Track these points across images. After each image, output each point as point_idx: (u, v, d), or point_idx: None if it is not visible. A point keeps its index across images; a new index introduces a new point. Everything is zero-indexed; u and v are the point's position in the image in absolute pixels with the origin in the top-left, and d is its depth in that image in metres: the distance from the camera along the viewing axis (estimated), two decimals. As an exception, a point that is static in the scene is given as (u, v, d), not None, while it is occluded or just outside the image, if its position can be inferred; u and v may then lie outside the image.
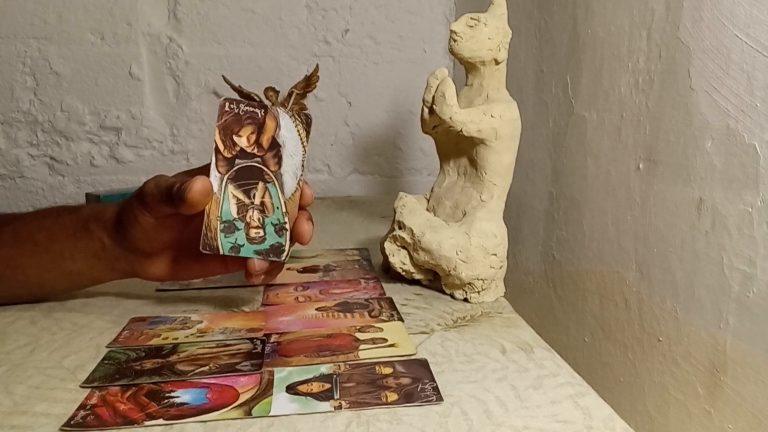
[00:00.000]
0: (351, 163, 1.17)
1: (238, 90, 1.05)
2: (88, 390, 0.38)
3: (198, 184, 0.43)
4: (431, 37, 1.14)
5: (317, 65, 1.08)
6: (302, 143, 0.47)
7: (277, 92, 1.05)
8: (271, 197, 0.46)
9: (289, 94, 1.05)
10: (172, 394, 0.37)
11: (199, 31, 1.07)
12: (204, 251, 0.45)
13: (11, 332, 0.48)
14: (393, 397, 0.37)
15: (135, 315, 0.51)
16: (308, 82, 1.08)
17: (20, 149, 1.06)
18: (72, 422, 0.34)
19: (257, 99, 1.03)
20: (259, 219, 0.46)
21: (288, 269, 0.64)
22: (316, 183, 1.14)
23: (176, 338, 0.46)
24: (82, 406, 0.36)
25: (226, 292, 0.57)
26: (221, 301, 0.55)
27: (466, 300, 0.54)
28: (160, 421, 0.35)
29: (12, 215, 0.54)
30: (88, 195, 0.97)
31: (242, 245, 0.45)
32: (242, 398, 0.37)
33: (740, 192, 0.44)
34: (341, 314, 0.51)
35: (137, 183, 1.18)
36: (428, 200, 0.60)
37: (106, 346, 0.45)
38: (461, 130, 0.53)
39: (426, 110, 0.57)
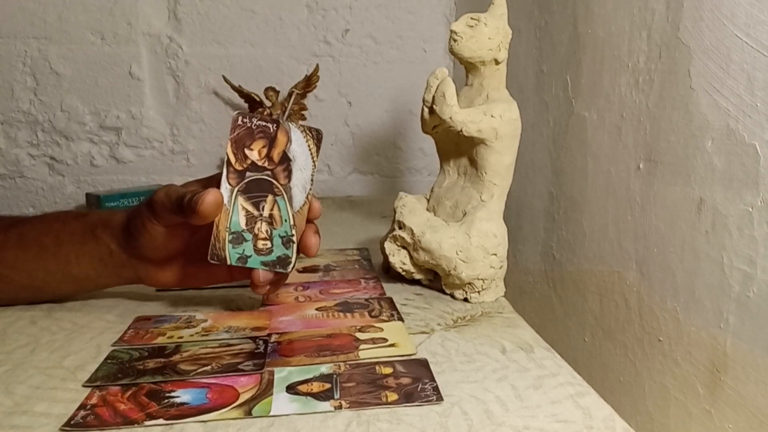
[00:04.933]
0: (351, 163, 1.17)
1: (238, 90, 1.05)
2: (89, 390, 0.38)
3: (210, 196, 0.43)
4: (431, 37, 1.14)
5: (317, 65, 1.08)
6: (312, 158, 0.48)
7: (277, 92, 1.05)
8: (279, 210, 0.47)
9: (290, 94, 1.05)
10: (173, 394, 0.37)
11: (199, 31, 1.07)
12: (212, 261, 0.45)
13: (11, 332, 0.48)
14: (393, 397, 0.37)
15: (135, 315, 0.51)
16: (308, 82, 1.08)
17: (20, 149, 1.06)
18: (72, 422, 0.34)
19: (258, 99, 1.03)
20: (267, 231, 0.46)
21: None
22: (316, 183, 1.14)
23: (181, 337, 0.46)
24: (82, 406, 0.36)
25: (226, 292, 0.57)
26: (221, 301, 0.55)
27: (466, 300, 0.54)
28: (160, 421, 0.35)
29: (18, 218, 0.54)
30: (88, 195, 0.97)
31: (249, 256, 0.46)
32: (242, 398, 0.37)
33: (740, 192, 0.44)
34: (341, 314, 0.51)
35: (137, 183, 1.18)
36: (428, 200, 0.60)
37: (111, 345, 0.45)
38: (461, 130, 0.53)
39: (426, 110, 0.57)
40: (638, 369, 0.58)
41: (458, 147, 0.57)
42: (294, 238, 0.47)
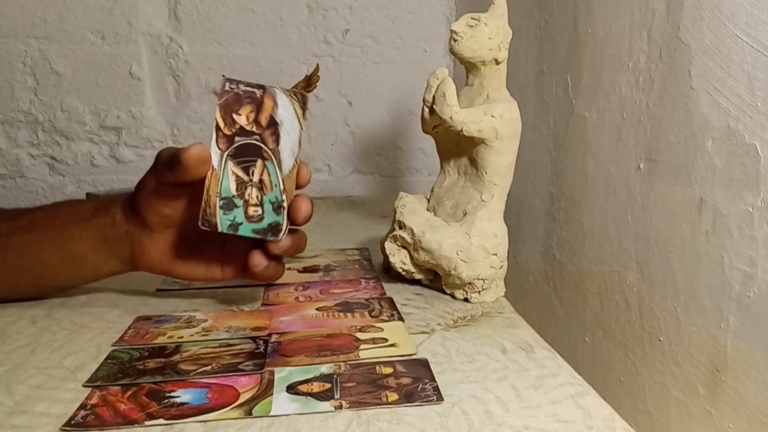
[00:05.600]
0: (351, 162, 1.17)
1: (239, 90, 1.05)
2: (89, 390, 0.38)
3: (195, 148, 0.44)
4: (431, 37, 1.14)
5: (317, 65, 1.08)
6: (299, 121, 0.48)
7: (277, 92, 1.05)
8: (269, 175, 0.47)
9: (290, 94, 1.05)
10: (173, 394, 0.37)
11: (199, 30, 1.07)
12: (203, 227, 0.45)
13: (12, 332, 0.48)
14: (393, 396, 0.37)
15: (135, 315, 0.51)
16: (309, 82, 1.08)
17: (21, 149, 1.06)
18: (72, 422, 0.34)
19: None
20: (257, 197, 0.46)
21: (288, 269, 0.64)
22: (316, 183, 1.14)
23: (181, 336, 0.46)
24: (82, 406, 0.36)
25: (226, 292, 0.57)
26: (221, 300, 0.55)
27: (466, 300, 0.54)
28: (161, 420, 0.35)
29: (33, 207, 0.55)
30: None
31: (240, 223, 0.46)
32: (242, 398, 0.37)
33: (741, 192, 0.44)
34: (341, 314, 0.51)
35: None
36: (428, 200, 0.60)
37: (112, 345, 0.45)
38: (461, 130, 0.53)
39: (426, 110, 0.57)
40: (638, 369, 0.58)
41: (458, 147, 0.57)
42: (284, 204, 0.47)
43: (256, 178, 0.46)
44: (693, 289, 0.50)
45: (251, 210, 0.46)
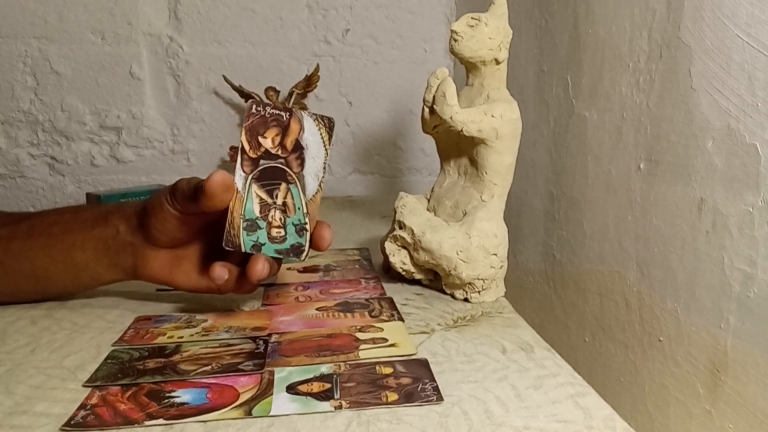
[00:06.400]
0: (351, 162, 1.17)
1: (239, 90, 1.05)
2: (89, 390, 0.38)
3: (217, 175, 0.44)
4: (432, 37, 1.14)
5: (318, 65, 1.08)
6: (324, 146, 0.48)
7: (277, 92, 1.05)
8: (293, 198, 0.47)
9: (290, 94, 1.06)
10: (173, 394, 0.37)
11: (199, 30, 1.07)
12: (226, 247, 0.46)
13: (12, 332, 0.48)
14: (393, 397, 0.37)
15: (135, 315, 0.51)
16: (309, 82, 1.08)
17: (21, 149, 1.06)
18: (72, 422, 0.34)
19: (258, 99, 1.03)
20: (280, 219, 0.47)
21: (288, 269, 0.64)
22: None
23: (181, 336, 0.46)
24: (82, 406, 0.36)
25: (227, 292, 0.57)
26: (221, 301, 0.55)
27: (466, 300, 0.54)
28: (161, 421, 0.34)
29: (33, 212, 0.55)
30: (88, 195, 0.97)
31: (263, 244, 0.46)
32: (242, 398, 0.37)
33: (741, 192, 0.44)
34: (341, 314, 0.51)
35: (138, 183, 1.18)
36: (429, 200, 0.60)
37: (112, 345, 0.45)
38: (462, 130, 0.53)
39: (426, 110, 0.57)
40: (638, 369, 0.58)
41: (459, 147, 0.57)
42: (307, 227, 0.48)
43: (279, 201, 0.47)
44: (693, 289, 0.50)
45: (274, 231, 0.47)
